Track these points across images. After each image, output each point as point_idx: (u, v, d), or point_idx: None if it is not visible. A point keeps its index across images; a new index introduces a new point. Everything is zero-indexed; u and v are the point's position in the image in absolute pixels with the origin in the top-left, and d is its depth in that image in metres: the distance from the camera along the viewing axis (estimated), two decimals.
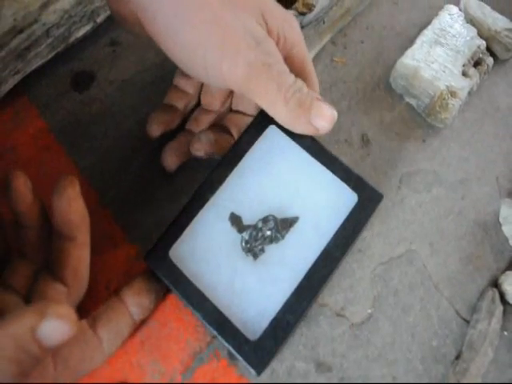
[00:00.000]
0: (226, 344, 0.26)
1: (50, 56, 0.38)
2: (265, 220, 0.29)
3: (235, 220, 0.29)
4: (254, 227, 0.29)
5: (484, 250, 0.34)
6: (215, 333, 0.26)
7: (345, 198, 0.28)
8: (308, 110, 0.26)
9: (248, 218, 0.29)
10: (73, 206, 0.25)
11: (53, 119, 0.37)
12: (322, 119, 0.26)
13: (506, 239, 0.35)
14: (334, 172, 0.29)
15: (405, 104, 0.40)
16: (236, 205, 0.29)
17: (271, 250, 0.28)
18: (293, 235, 0.28)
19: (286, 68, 0.25)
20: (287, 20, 0.27)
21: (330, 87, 0.40)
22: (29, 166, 0.35)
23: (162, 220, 0.33)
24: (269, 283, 0.27)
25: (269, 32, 0.25)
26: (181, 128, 0.35)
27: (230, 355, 0.29)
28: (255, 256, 0.28)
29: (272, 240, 0.28)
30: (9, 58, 0.36)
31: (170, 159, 0.33)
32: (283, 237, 0.28)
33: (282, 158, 0.30)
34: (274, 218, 0.29)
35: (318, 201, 0.29)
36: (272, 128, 0.29)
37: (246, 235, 0.28)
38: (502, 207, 0.35)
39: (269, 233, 0.28)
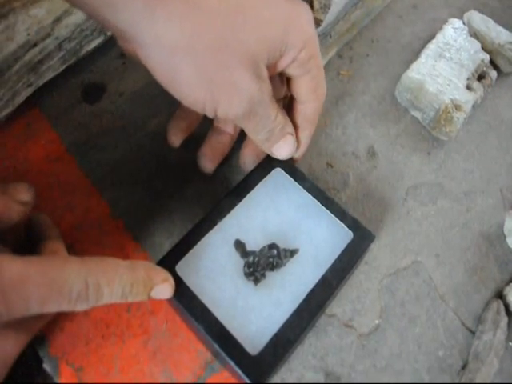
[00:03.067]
0: (227, 357, 0.27)
1: (61, 69, 0.40)
2: (270, 247, 0.31)
3: (239, 246, 0.31)
4: (259, 252, 0.30)
5: (489, 261, 0.35)
6: (216, 346, 0.27)
7: (341, 235, 0.31)
8: (272, 144, 0.31)
9: (251, 246, 0.31)
10: None
11: (64, 131, 0.39)
12: (279, 153, 0.32)
13: (511, 251, 0.36)
14: (332, 211, 0.32)
15: (410, 117, 0.41)
16: (241, 232, 0.31)
17: (272, 275, 0.30)
18: (293, 264, 0.30)
19: (269, 113, 0.29)
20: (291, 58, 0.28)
21: (337, 100, 0.41)
22: (40, 176, 0.37)
23: (172, 230, 0.34)
24: (269, 304, 0.29)
25: (270, 72, 0.28)
26: None
27: (229, 370, 0.29)
28: (256, 281, 0.30)
29: (273, 267, 0.30)
30: (22, 71, 0.37)
31: (208, 165, 0.36)
32: (284, 264, 0.30)
33: (286, 196, 0.33)
34: (277, 247, 0.31)
35: (316, 236, 0.31)
36: (277, 170, 0.33)
37: (248, 261, 0.30)
38: (506, 219, 0.36)
39: (271, 259, 0.30)
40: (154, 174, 0.37)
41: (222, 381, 0.29)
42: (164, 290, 0.26)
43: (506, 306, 0.34)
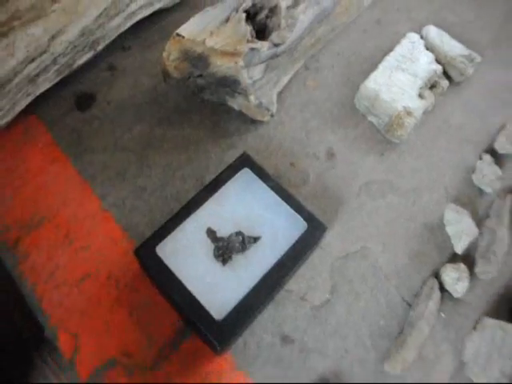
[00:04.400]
0: (196, 322, 0.37)
1: (56, 80, 0.51)
2: (236, 234, 0.42)
3: (211, 233, 0.42)
4: (228, 238, 0.41)
5: (429, 247, 0.46)
6: (188, 313, 0.37)
7: (297, 225, 0.42)
8: None
9: (221, 233, 0.42)
10: None
11: (59, 135, 0.50)
12: None
13: (449, 238, 0.47)
14: (291, 206, 0.43)
15: (367, 122, 0.52)
16: (213, 221, 0.42)
17: (237, 257, 0.41)
18: (255, 249, 0.41)
19: None
20: None
21: (302, 108, 0.52)
22: (38, 175, 0.47)
23: (154, 220, 0.45)
24: (234, 280, 0.40)
25: None
26: None
27: (199, 336, 0.40)
28: (224, 261, 0.41)
29: (239, 250, 0.41)
30: (22, 84, 0.48)
31: None
32: (248, 248, 0.41)
33: (252, 192, 0.44)
34: (243, 234, 0.42)
35: (277, 226, 0.43)
36: (246, 170, 0.44)
37: (218, 245, 0.41)
38: (446, 211, 0.47)
39: (237, 244, 0.41)
40: (139, 172, 0.48)
41: (196, 344, 0.40)
42: None
43: (441, 284, 0.44)
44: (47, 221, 0.45)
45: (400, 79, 0.53)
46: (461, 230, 0.46)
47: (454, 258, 0.46)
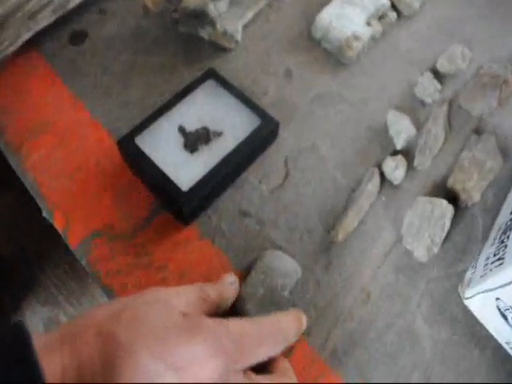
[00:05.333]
0: (168, 193, 0.43)
1: (52, 18, 0.57)
2: (203, 129, 0.47)
3: (181, 129, 0.48)
4: (195, 132, 0.47)
5: (374, 146, 0.51)
6: (161, 185, 0.43)
7: (253, 121, 0.48)
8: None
9: (190, 129, 0.48)
10: None
11: (56, 65, 0.56)
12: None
13: (392, 137, 0.51)
14: (248, 107, 0.49)
15: (322, 48, 0.58)
16: (183, 120, 0.48)
17: (203, 148, 0.47)
18: (218, 141, 0.47)
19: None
20: None
21: (264, 38, 0.58)
22: (39, 96, 0.54)
23: (135, 124, 0.50)
24: (199, 163, 0.46)
25: None
26: None
27: (170, 209, 0.46)
28: (192, 151, 0.46)
29: (204, 142, 0.47)
30: (23, 18, 0.55)
31: None
32: (212, 141, 0.47)
33: (216, 97, 0.50)
34: (208, 129, 0.47)
35: (236, 122, 0.48)
36: (211, 81, 0.51)
37: (187, 138, 0.47)
38: (388, 115, 0.52)
39: (203, 137, 0.47)
40: (123, 91, 0.54)
41: (164, 219, 0.45)
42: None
43: (383, 175, 0.49)
44: (46, 129, 0.51)
45: (350, 11, 0.58)
46: (400, 129, 0.51)
47: (395, 154, 0.50)
